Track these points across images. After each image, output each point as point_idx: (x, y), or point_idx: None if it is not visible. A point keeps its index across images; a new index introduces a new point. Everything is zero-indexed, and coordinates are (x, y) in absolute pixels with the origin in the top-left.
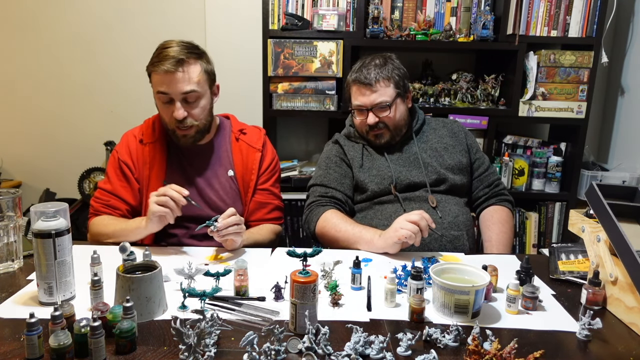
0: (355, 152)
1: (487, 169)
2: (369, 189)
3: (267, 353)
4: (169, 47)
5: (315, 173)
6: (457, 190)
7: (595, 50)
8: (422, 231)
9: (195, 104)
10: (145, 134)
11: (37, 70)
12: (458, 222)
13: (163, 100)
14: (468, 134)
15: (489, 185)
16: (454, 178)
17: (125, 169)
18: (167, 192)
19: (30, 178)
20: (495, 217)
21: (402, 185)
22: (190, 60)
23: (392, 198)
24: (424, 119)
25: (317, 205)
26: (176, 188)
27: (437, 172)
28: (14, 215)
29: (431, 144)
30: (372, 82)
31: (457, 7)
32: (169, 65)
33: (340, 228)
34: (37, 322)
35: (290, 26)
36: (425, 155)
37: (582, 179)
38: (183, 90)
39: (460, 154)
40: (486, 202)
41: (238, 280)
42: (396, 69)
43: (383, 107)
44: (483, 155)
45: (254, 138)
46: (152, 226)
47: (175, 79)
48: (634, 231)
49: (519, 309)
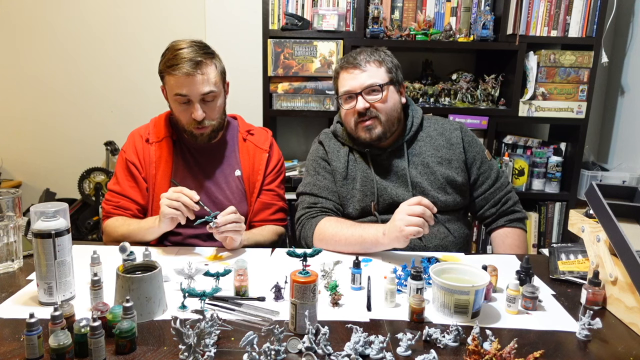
0: (339, 160)
1: (493, 184)
2: (350, 207)
3: (267, 353)
4: (182, 48)
5: (304, 178)
6: (448, 210)
7: (595, 50)
8: (428, 221)
9: (213, 103)
10: (152, 133)
11: (37, 70)
12: (446, 243)
13: (180, 102)
14: (472, 143)
15: (496, 204)
16: (446, 199)
17: (133, 168)
18: (179, 197)
19: (30, 178)
20: (506, 242)
21: (384, 204)
22: (207, 61)
23: (373, 219)
24: (421, 123)
25: (308, 217)
26: (188, 193)
27: (426, 193)
28: (14, 215)
29: (423, 158)
30: (362, 62)
31: (457, 7)
32: (188, 67)
33: (340, 237)
34: (37, 322)
35: (290, 26)
36: (415, 172)
37: (582, 179)
38: (202, 92)
39: (456, 171)
40: (495, 222)
41: (238, 280)
42: (389, 57)
43: (374, 90)
44: (490, 167)
45: (261, 139)
46: (164, 226)
47: (195, 81)
48: (634, 231)
49: (518, 309)
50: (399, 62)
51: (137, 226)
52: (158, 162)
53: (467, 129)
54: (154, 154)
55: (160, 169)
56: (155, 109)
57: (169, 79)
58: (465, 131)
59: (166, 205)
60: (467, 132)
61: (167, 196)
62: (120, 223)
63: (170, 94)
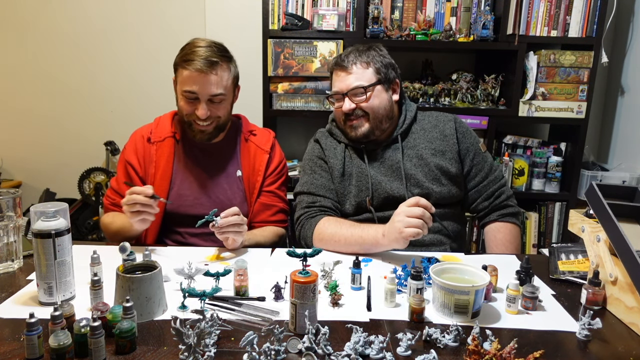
0: (335, 157)
1: (486, 176)
2: (347, 203)
3: (267, 353)
4: (201, 45)
5: (301, 178)
6: (444, 202)
7: (595, 50)
8: (427, 222)
9: (220, 105)
10: (154, 132)
11: (37, 70)
12: (440, 237)
13: (188, 98)
14: (466, 134)
15: (489, 197)
16: (441, 191)
17: (129, 168)
18: (133, 199)
19: (30, 178)
20: (498, 237)
21: (379, 198)
22: (223, 64)
23: (369, 216)
24: (414, 116)
25: (307, 217)
26: (138, 190)
27: (420, 185)
28: (14, 215)
29: (418, 150)
30: (349, 65)
31: (457, 7)
32: (202, 64)
33: (339, 238)
34: (37, 322)
35: (290, 26)
36: (410, 165)
37: (582, 179)
38: (212, 93)
39: (450, 162)
40: (487, 216)
41: (238, 280)
42: (379, 56)
43: (359, 92)
44: (484, 159)
45: (263, 140)
46: (137, 227)
47: (206, 80)
48: (634, 231)
49: (518, 309)
50: (399, 62)
51: (121, 224)
52: (158, 161)
53: (461, 120)
54: (154, 154)
55: (160, 169)
56: (156, 108)
57: (181, 72)
58: (459, 123)
59: (128, 211)
60: (461, 124)
61: (124, 202)
62: (110, 220)
63: (180, 89)
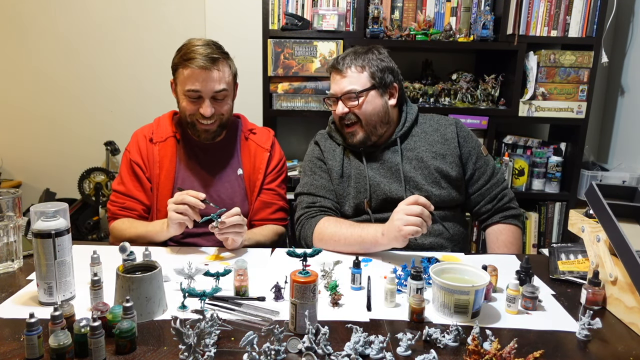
0: (334, 160)
1: (489, 180)
2: (346, 205)
3: (267, 353)
4: (199, 44)
5: (302, 179)
6: (444, 205)
7: (595, 50)
8: (426, 220)
9: (223, 102)
10: (156, 132)
11: (37, 70)
12: (441, 240)
13: (192, 97)
14: (467, 138)
15: (492, 200)
16: (440, 194)
17: (137, 168)
18: (184, 199)
19: (30, 178)
20: (500, 239)
21: (377, 200)
22: (223, 60)
23: (366, 218)
24: (415, 119)
25: (307, 217)
26: (193, 193)
27: (420, 188)
28: (14, 215)
29: (418, 153)
30: (344, 68)
31: (457, 7)
32: (204, 61)
33: (339, 237)
34: (37, 322)
35: (290, 26)
36: (409, 167)
37: (582, 179)
38: (215, 89)
39: (450, 165)
40: (490, 219)
41: (238, 280)
42: (377, 60)
43: (352, 97)
44: (486, 162)
45: (263, 138)
46: (172, 231)
47: (210, 76)
48: (634, 231)
49: (518, 309)
50: (399, 62)
51: (145, 230)
52: (162, 162)
53: (463, 124)
54: (158, 154)
55: (164, 169)
56: (156, 108)
57: (182, 72)
58: (461, 127)
59: (173, 210)
60: (462, 128)
61: (173, 200)
62: (127, 226)
63: (181, 89)
